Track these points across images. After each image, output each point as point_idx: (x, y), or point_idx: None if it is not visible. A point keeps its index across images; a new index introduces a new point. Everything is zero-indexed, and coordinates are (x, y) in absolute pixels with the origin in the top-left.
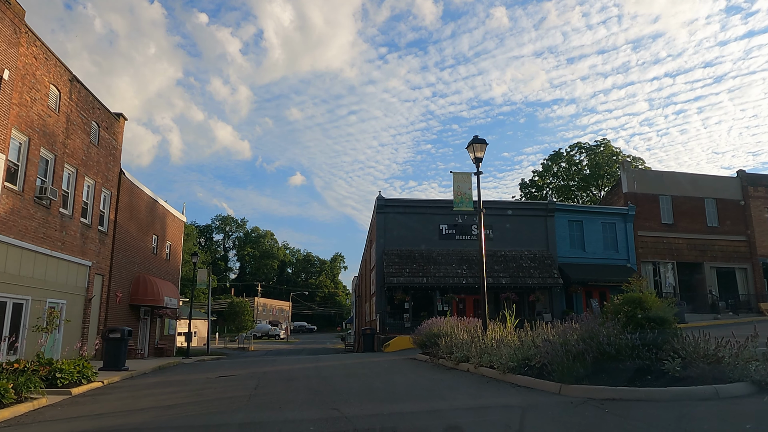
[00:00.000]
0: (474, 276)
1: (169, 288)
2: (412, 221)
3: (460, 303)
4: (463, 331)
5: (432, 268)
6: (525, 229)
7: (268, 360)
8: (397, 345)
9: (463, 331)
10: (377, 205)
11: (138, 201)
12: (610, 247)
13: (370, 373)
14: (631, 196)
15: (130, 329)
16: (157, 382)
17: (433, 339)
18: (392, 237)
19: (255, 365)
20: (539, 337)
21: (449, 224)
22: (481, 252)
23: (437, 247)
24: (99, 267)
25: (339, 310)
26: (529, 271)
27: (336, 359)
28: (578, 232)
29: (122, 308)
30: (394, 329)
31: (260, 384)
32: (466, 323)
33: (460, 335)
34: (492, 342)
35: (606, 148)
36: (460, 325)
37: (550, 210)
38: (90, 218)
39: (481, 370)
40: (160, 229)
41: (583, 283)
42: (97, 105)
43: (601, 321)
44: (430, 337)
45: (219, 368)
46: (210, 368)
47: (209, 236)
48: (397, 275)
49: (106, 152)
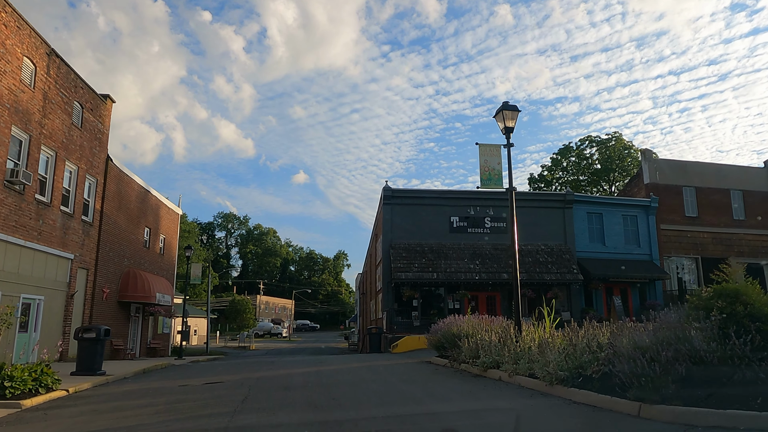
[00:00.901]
0: (488, 271)
1: (162, 284)
2: (421, 213)
3: (473, 300)
4: (490, 332)
5: (443, 263)
6: (541, 222)
7: (267, 361)
8: (405, 345)
9: (491, 331)
10: (383, 195)
11: (128, 190)
12: (631, 241)
13: (380, 382)
14: (653, 188)
15: (107, 328)
16: (132, 390)
17: (452, 340)
18: (400, 230)
19: (250, 368)
20: (594, 341)
21: (461, 216)
22: (512, 238)
23: (448, 241)
24: (83, 260)
25: (342, 309)
26: (547, 266)
27: (340, 361)
28: (598, 225)
29: (110, 305)
30: (402, 328)
31: (250, 395)
32: (490, 322)
33: (487, 336)
34: (530, 345)
35: (618, 142)
36: (484, 325)
37: (568, 201)
38: (72, 207)
39: (517, 380)
40: (152, 222)
41: (604, 279)
42: (80, 84)
43: (686, 319)
44: (449, 338)
45: (210, 372)
46: (200, 372)
47: (211, 233)
48: (405, 270)
49: (90, 136)
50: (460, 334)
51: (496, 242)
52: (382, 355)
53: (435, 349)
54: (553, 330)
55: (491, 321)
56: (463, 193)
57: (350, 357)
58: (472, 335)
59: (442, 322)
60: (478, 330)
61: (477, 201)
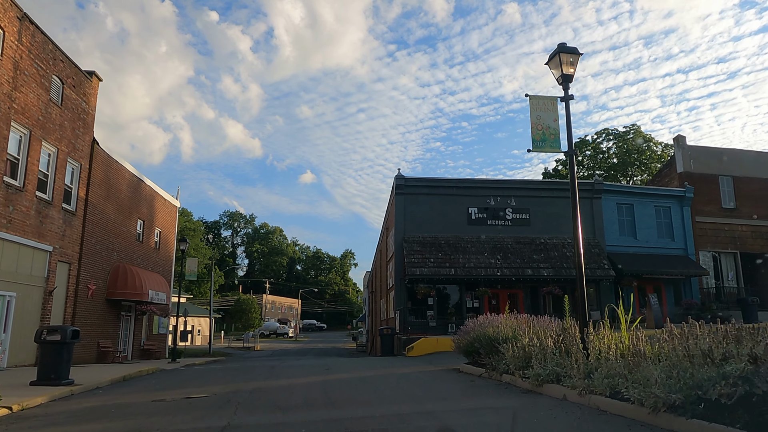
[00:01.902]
0: (510, 266)
1: (156, 281)
2: (436, 204)
3: (493, 298)
4: (543, 335)
5: (460, 257)
6: (567, 213)
7: (267, 366)
8: (422, 348)
9: (544, 334)
10: (396, 184)
11: (117, 178)
12: (665, 235)
13: (407, 399)
14: (687, 177)
15: (75, 329)
16: (92, 408)
17: (489, 345)
18: (413, 222)
19: (247, 375)
20: (719, 347)
21: (479, 207)
22: (574, 210)
23: (466, 234)
24: (64, 253)
25: (349, 308)
26: (574, 262)
27: (350, 367)
28: (628, 217)
29: (96, 303)
30: (416, 329)
31: (233, 421)
32: (534, 323)
33: (537, 340)
34: (607, 354)
35: (636, 134)
36: (529, 326)
37: (596, 191)
38: (51, 193)
39: (593, 401)
40: (146, 214)
41: (637, 276)
42: (60, 57)
43: None
44: (485, 342)
45: (200, 380)
46: (189, 380)
47: (217, 232)
48: (419, 266)
49: (73, 116)
50: (499, 337)
51: (518, 235)
52: (396, 359)
53: (465, 354)
54: (637, 335)
55: (534, 321)
56: (481, 182)
57: (361, 361)
58: (516, 339)
59: (472, 321)
60: (522, 332)
61: (497, 190)
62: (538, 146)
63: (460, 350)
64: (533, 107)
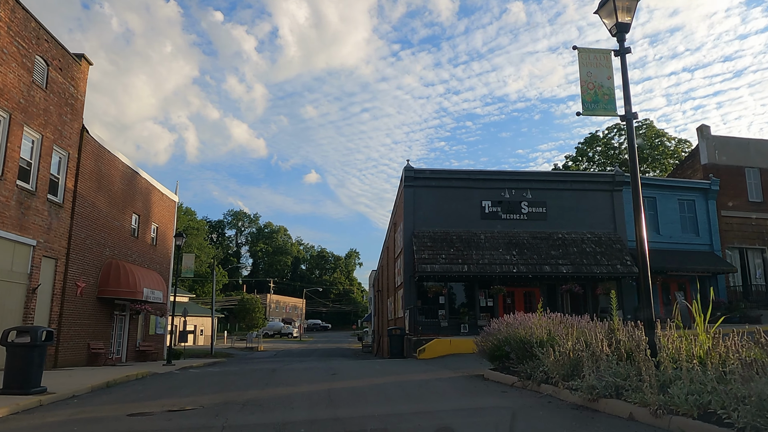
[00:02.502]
0: (527, 263)
1: (152, 279)
2: (448, 197)
3: (508, 297)
4: (596, 339)
5: (474, 253)
6: (586, 207)
7: (268, 370)
8: (434, 350)
9: (597, 338)
10: (405, 177)
11: (110, 170)
12: (689, 230)
13: (432, 418)
14: (712, 169)
15: (49, 330)
16: (52, 424)
17: (522, 348)
18: (423, 216)
19: (244, 381)
20: None
21: (493, 200)
22: (635, 186)
23: (479, 229)
24: (50, 248)
25: (354, 308)
26: (595, 257)
27: (358, 371)
28: (651, 211)
29: (86, 302)
30: (427, 329)
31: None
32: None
33: (583, 343)
34: (687, 363)
35: (649, 130)
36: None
37: (617, 183)
38: (34, 183)
39: (676, 423)
40: (142, 208)
41: (662, 273)
42: (45, 36)
43: None
44: (518, 344)
45: (191, 387)
46: (179, 387)
47: (221, 232)
48: (431, 262)
49: (59, 101)
50: (533, 340)
51: (535, 230)
52: (407, 362)
53: (489, 358)
54: (717, 336)
55: (570, 321)
56: (495, 174)
57: (369, 364)
58: (553, 341)
59: (498, 322)
60: (562, 334)
61: (512, 182)
62: (590, 108)
63: (485, 354)
64: (582, 62)
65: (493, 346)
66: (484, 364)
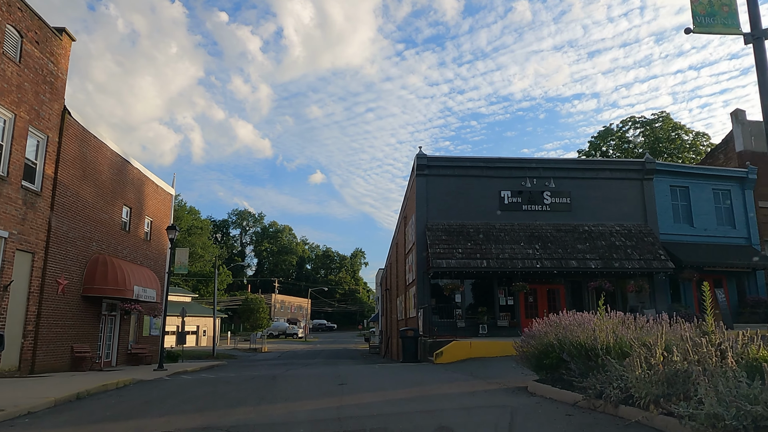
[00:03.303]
0: (551, 258)
1: (144, 276)
2: (464, 186)
3: (530, 295)
4: (709, 347)
5: (493, 247)
6: (614, 197)
7: (268, 377)
8: (452, 354)
9: (707, 347)
10: (417, 165)
11: (97, 157)
12: (725, 222)
13: None
14: (748, 156)
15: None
16: None
17: (585, 356)
18: (437, 207)
19: (237, 393)
20: None
21: (513, 190)
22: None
23: (497, 221)
24: (25, 240)
25: (360, 308)
26: (625, 252)
27: (370, 379)
28: (684, 202)
29: (69, 301)
30: (443, 330)
31: None
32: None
33: (689, 353)
34: None
35: (665, 122)
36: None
37: (647, 171)
38: (5, 167)
39: None
40: (134, 200)
41: (697, 268)
42: (18, 5)
43: None
44: (577, 351)
45: (175, 399)
46: (159, 399)
47: (226, 231)
48: (446, 257)
49: (36, 77)
50: (597, 346)
51: (558, 222)
52: (423, 367)
53: (535, 367)
54: None
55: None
56: (515, 161)
57: (382, 370)
58: (622, 347)
59: (545, 321)
60: (634, 337)
61: (533, 170)
62: (704, 24)
63: (526, 360)
64: None
65: (539, 351)
66: (518, 371)
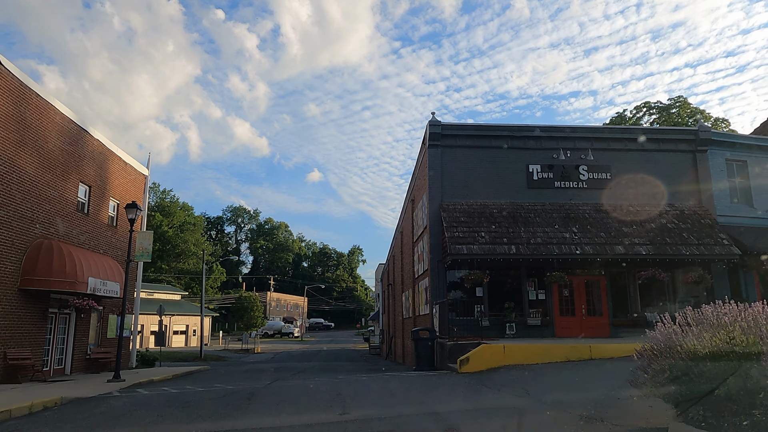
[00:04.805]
0: (591, 242)
1: (105, 267)
2: (485, 159)
3: (565, 287)
4: None
5: (522, 231)
6: (661, 171)
7: (244, 394)
8: (482, 360)
9: None
10: (429, 134)
11: (41, 120)
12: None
13: None
14: None
15: None
16: None
17: None
18: (453, 184)
19: (188, 426)
20: None
21: (543, 164)
22: None
23: (525, 200)
24: None
25: (358, 306)
26: (681, 236)
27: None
28: (742, 179)
29: (2, 296)
30: (464, 330)
31: None
32: None
33: None
34: None
35: (683, 108)
36: None
37: (701, 141)
38: None
39: None
40: (95, 177)
41: (760, 255)
42: None
43: None
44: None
45: None
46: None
47: (220, 228)
48: (467, 242)
49: None
50: None
51: (598, 201)
52: (446, 378)
53: (682, 398)
54: None
55: None
56: (546, 129)
57: (396, 385)
58: None
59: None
60: None
61: (567, 141)
62: None
63: (651, 380)
64: None
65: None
66: (599, 388)
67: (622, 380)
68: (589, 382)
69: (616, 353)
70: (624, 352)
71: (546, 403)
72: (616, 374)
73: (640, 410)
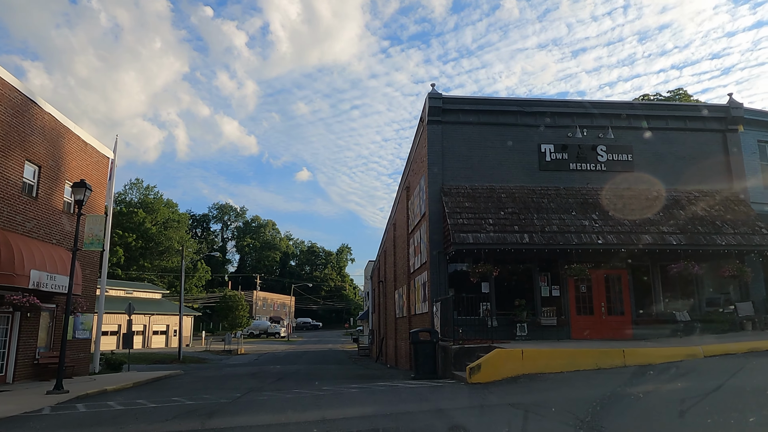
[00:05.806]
0: (614, 231)
1: (54, 258)
2: (491, 137)
3: (582, 283)
4: None
5: (535, 218)
6: (689, 153)
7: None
8: (497, 368)
9: None
10: (429, 107)
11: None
12: None
13: None
14: None
15: None
16: None
17: None
18: (456, 165)
19: None
20: None
21: (557, 143)
22: None
23: (537, 184)
24: None
25: (347, 305)
26: (714, 224)
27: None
28: None
29: None
30: (470, 332)
31: None
32: None
33: None
34: None
35: (683, 100)
36: None
37: (732, 120)
38: None
39: None
40: (45, 156)
41: None
42: None
43: None
44: None
45: None
46: None
47: (206, 226)
48: (473, 230)
49: None
50: None
51: (618, 185)
52: (456, 389)
53: None
54: None
55: None
56: (560, 104)
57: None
58: None
59: None
60: None
61: (584, 117)
62: None
63: None
64: None
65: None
66: None
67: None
68: (650, 402)
69: (654, 358)
70: (664, 358)
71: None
72: (686, 390)
73: (541, 420)
